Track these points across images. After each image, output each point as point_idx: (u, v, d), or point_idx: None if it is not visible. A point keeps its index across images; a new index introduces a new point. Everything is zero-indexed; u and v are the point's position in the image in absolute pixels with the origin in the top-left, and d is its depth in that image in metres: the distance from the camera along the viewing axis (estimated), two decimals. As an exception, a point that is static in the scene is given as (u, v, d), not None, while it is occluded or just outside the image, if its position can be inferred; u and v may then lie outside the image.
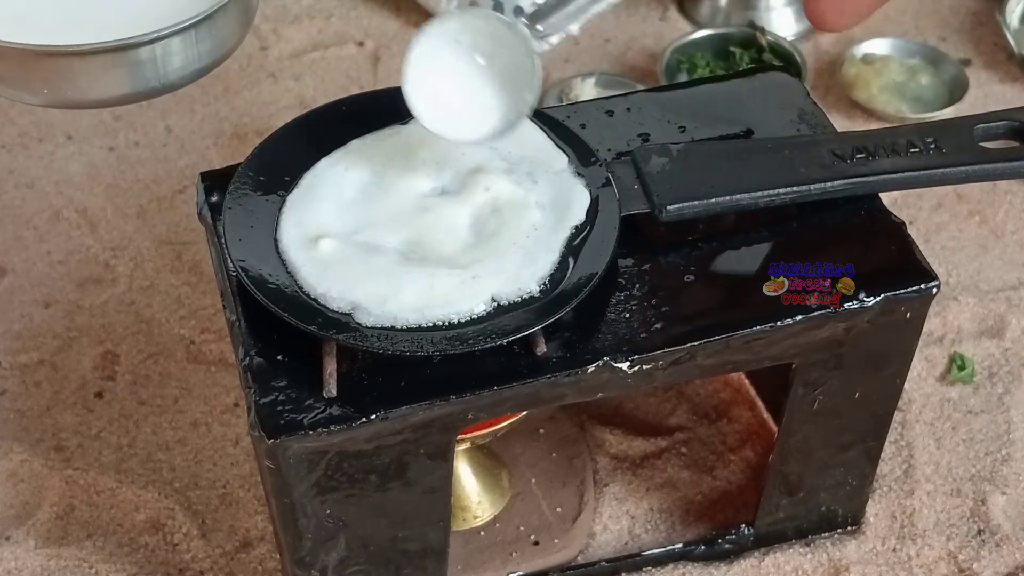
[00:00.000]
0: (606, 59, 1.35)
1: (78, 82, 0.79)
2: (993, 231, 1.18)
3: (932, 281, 0.81)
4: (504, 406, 0.77)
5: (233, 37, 0.84)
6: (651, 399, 1.04)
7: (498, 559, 0.94)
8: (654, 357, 0.77)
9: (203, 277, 1.13)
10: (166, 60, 0.80)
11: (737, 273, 0.81)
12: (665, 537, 0.96)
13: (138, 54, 0.78)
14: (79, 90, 0.80)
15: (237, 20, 0.83)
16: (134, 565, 0.95)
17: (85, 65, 0.78)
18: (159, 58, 0.79)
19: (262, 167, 0.83)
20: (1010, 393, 1.05)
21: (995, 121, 0.85)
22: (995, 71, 1.34)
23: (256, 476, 0.99)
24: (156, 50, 0.79)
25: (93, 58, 0.78)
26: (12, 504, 0.99)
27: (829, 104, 1.28)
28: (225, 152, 1.25)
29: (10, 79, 0.80)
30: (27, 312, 1.11)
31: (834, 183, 0.82)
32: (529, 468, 0.99)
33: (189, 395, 1.05)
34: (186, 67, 0.81)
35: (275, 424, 0.73)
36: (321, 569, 0.81)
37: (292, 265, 0.78)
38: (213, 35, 0.81)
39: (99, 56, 0.78)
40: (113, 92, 0.80)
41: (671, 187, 0.82)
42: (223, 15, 0.81)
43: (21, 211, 1.20)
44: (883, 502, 0.98)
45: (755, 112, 0.90)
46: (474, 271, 0.77)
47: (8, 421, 1.03)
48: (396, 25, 1.40)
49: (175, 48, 0.79)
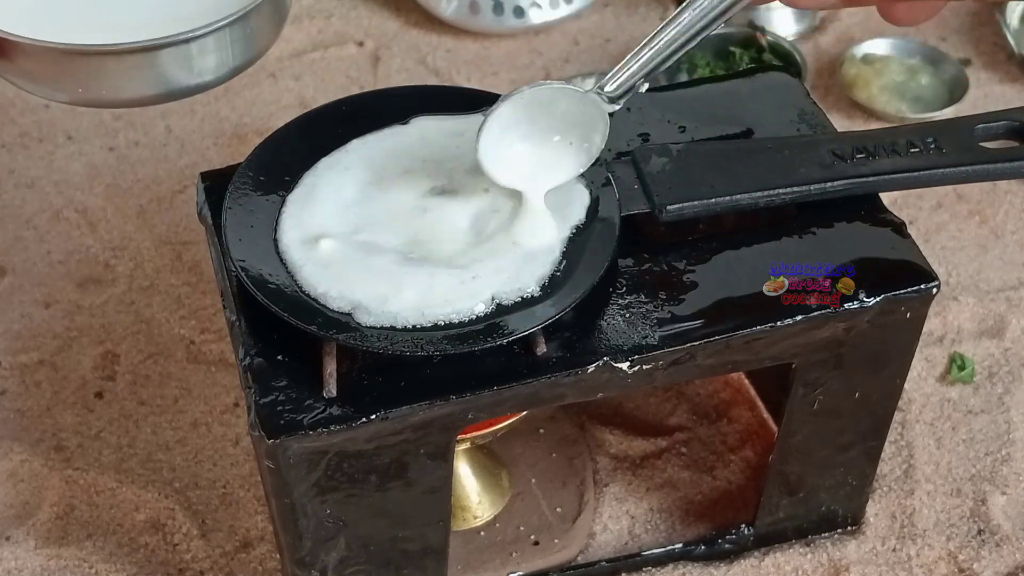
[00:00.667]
0: (606, 59, 1.35)
1: (112, 81, 0.79)
2: (993, 231, 1.18)
3: (932, 281, 0.81)
4: (504, 406, 0.77)
5: (266, 36, 0.84)
6: (651, 399, 1.04)
7: (498, 559, 0.94)
8: (654, 357, 0.77)
9: (203, 277, 1.13)
10: (200, 59, 0.80)
11: (737, 273, 0.81)
12: (665, 537, 0.96)
13: (172, 54, 0.78)
14: (113, 89, 0.80)
15: (270, 19, 0.84)
16: (134, 565, 0.95)
17: (119, 65, 0.78)
18: (194, 57, 0.79)
19: (262, 167, 0.83)
20: (1010, 393, 1.05)
21: (995, 121, 0.85)
22: (995, 71, 1.34)
23: (256, 476, 0.99)
24: (191, 49, 0.79)
25: (127, 57, 0.78)
26: (12, 504, 0.99)
27: (829, 104, 1.28)
28: (225, 152, 1.25)
29: (44, 78, 0.80)
30: (27, 312, 1.11)
31: (834, 183, 0.82)
32: (529, 468, 0.99)
33: (189, 395, 1.05)
34: (220, 67, 0.81)
35: (275, 424, 0.73)
36: (321, 569, 0.81)
37: (292, 265, 0.78)
38: (247, 34, 0.81)
39: (133, 56, 0.78)
40: (147, 91, 0.80)
41: (671, 187, 0.82)
42: (256, 14, 0.81)
43: (21, 211, 1.20)
44: (883, 502, 0.98)
45: (755, 112, 0.90)
46: (474, 271, 0.77)
47: (8, 421, 1.03)
48: (396, 25, 1.40)
49: (209, 47, 0.79)
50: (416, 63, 1.35)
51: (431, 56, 1.36)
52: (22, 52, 0.78)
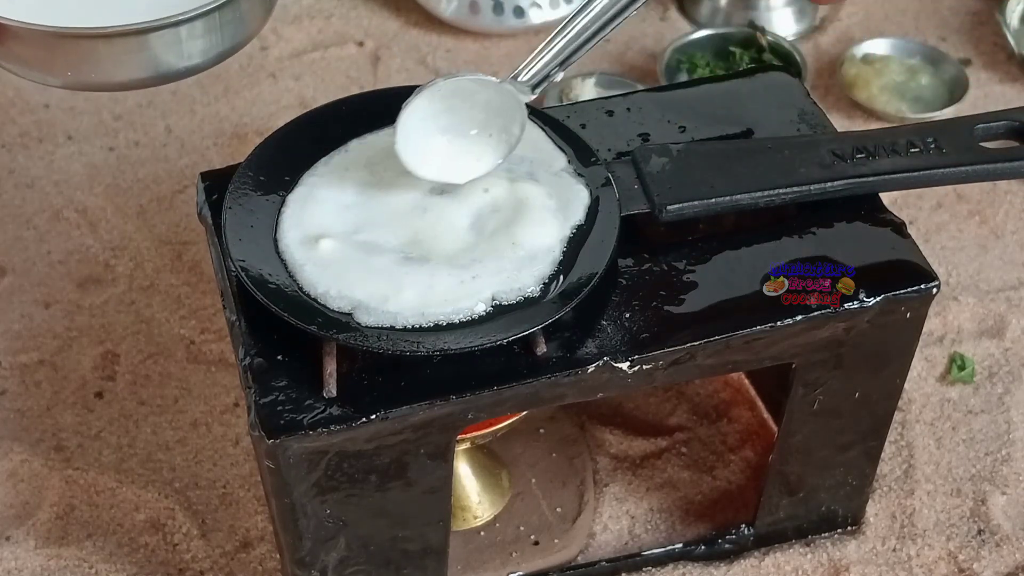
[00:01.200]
0: (606, 59, 1.35)
1: (102, 65, 0.79)
2: (993, 231, 1.18)
3: (932, 281, 0.81)
4: (504, 406, 0.77)
5: (255, 21, 0.84)
6: (651, 399, 1.04)
7: (498, 559, 0.94)
8: (654, 357, 0.77)
9: (203, 277, 1.13)
10: (190, 43, 0.79)
11: (737, 273, 0.81)
12: (665, 537, 0.96)
13: (162, 37, 0.78)
14: (103, 73, 0.79)
15: (260, 4, 0.83)
16: (134, 565, 0.95)
17: (109, 48, 0.78)
18: (183, 41, 0.79)
19: (262, 167, 0.83)
20: (1010, 393, 1.05)
21: (995, 121, 0.85)
22: (995, 71, 1.34)
23: (256, 476, 0.99)
24: (180, 33, 0.79)
25: (117, 40, 0.78)
26: (12, 504, 0.99)
27: (829, 104, 1.28)
28: (225, 152, 1.25)
29: (34, 62, 0.80)
30: (27, 312, 1.11)
31: (834, 183, 0.82)
32: (529, 468, 0.99)
33: (189, 395, 1.05)
34: (209, 50, 0.81)
35: (275, 424, 0.73)
36: (321, 569, 0.81)
37: (292, 265, 0.78)
38: (236, 18, 0.81)
39: (123, 39, 0.78)
40: (137, 75, 0.80)
41: (671, 187, 0.82)
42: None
43: (21, 211, 1.20)
44: (883, 502, 0.98)
45: (755, 112, 0.90)
46: (474, 271, 0.77)
47: (8, 421, 1.03)
48: (396, 25, 1.40)
49: (199, 31, 0.79)
50: (416, 63, 1.35)
51: (431, 56, 1.36)
52: (12, 35, 0.78)
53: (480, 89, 0.79)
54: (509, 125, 0.80)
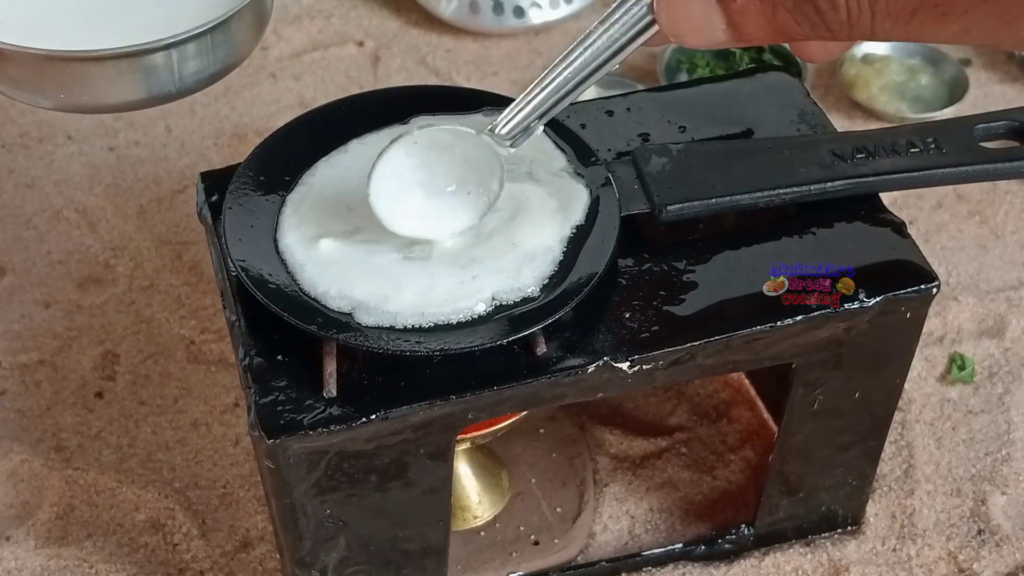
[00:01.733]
0: (606, 59, 1.35)
1: (93, 87, 0.79)
2: (993, 231, 1.18)
3: (932, 281, 0.81)
4: (504, 406, 0.77)
5: (248, 42, 0.84)
6: (651, 399, 1.04)
7: (498, 559, 0.94)
8: (654, 357, 0.77)
9: (203, 277, 1.13)
10: (181, 65, 0.79)
11: (737, 273, 0.81)
12: (665, 537, 0.96)
13: (153, 59, 0.78)
14: (94, 95, 0.79)
15: (251, 25, 0.83)
16: (134, 565, 0.95)
17: (100, 70, 0.78)
18: (175, 63, 0.79)
19: (262, 167, 0.83)
20: (1010, 393, 1.05)
21: (995, 121, 0.85)
22: (995, 71, 1.34)
23: (256, 476, 0.99)
24: (172, 55, 0.79)
25: (108, 63, 0.78)
26: (12, 504, 0.99)
27: (829, 104, 1.28)
28: (225, 152, 1.25)
29: (26, 84, 0.80)
30: (27, 312, 1.11)
31: (834, 183, 0.82)
32: (529, 468, 0.99)
33: (189, 395, 1.05)
34: (201, 72, 0.81)
35: (275, 424, 0.73)
36: (321, 569, 0.81)
37: (292, 265, 0.78)
38: (228, 40, 0.81)
39: (114, 61, 0.78)
40: (128, 97, 0.80)
41: (671, 187, 0.82)
42: (238, 20, 0.81)
43: (21, 211, 1.20)
44: (883, 502, 0.98)
45: (755, 112, 0.90)
46: (474, 271, 0.77)
47: (8, 421, 1.03)
48: (396, 25, 1.40)
49: (190, 53, 0.79)
50: (416, 63, 1.35)
51: (431, 56, 1.36)
52: (3, 57, 0.78)
53: (457, 142, 0.76)
54: (487, 180, 0.76)
